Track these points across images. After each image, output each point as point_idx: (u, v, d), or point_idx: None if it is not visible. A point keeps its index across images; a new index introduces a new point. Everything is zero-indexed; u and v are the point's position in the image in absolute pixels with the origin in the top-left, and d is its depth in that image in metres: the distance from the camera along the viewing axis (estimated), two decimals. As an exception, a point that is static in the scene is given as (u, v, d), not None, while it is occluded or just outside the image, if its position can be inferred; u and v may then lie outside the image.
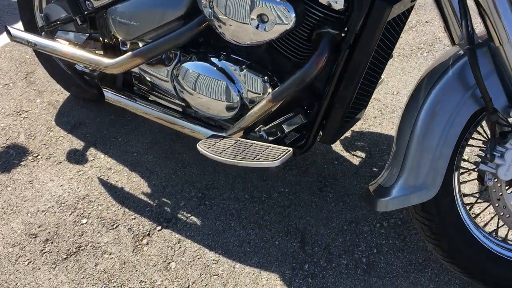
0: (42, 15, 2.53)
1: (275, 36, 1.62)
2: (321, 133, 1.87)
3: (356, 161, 2.31)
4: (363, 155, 2.33)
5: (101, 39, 2.23)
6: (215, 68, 1.90)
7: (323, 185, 2.21)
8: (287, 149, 1.69)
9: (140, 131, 2.65)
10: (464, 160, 1.74)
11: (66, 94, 2.99)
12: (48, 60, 2.81)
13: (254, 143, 1.78)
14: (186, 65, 1.96)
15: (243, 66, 1.85)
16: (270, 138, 1.86)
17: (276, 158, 1.64)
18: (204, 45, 2.00)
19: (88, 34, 2.28)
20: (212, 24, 1.77)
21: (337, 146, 2.40)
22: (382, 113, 2.60)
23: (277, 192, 2.20)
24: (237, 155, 1.70)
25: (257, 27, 1.61)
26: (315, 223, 2.04)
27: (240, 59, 1.91)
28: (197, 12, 1.89)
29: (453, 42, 1.66)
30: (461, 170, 1.69)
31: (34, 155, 2.55)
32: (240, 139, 1.82)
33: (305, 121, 1.82)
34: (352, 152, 2.35)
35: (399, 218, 2.03)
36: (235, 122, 1.99)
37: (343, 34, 1.63)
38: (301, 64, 1.83)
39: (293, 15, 1.56)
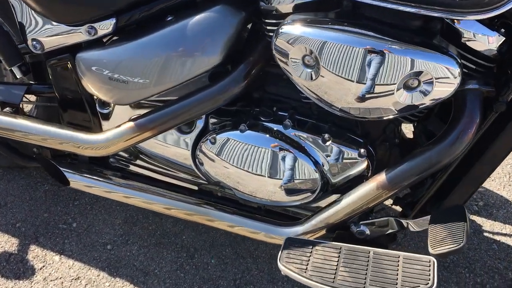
0: None
1: (424, 106, 1.06)
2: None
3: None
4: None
5: (56, 93, 1.39)
6: (279, 139, 1.27)
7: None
8: (429, 260, 1.17)
9: (102, 205, 1.85)
10: None
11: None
12: None
13: (370, 251, 1.22)
14: (228, 135, 1.28)
15: (326, 136, 1.25)
16: (374, 233, 1.31)
17: (429, 283, 1.12)
18: (241, 101, 1.33)
19: (25, 87, 1.42)
20: (301, 87, 1.13)
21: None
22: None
23: (333, 275, 1.67)
24: (365, 283, 1.14)
25: (406, 97, 1.03)
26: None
27: (312, 121, 1.30)
28: (242, 55, 1.23)
29: None
30: None
31: None
32: (342, 245, 1.24)
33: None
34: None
35: None
36: (303, 207, 1.40)
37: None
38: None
39: (458, 70, 1.01)
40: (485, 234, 1.78)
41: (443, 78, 1.01)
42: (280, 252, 1.25)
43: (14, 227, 1.77)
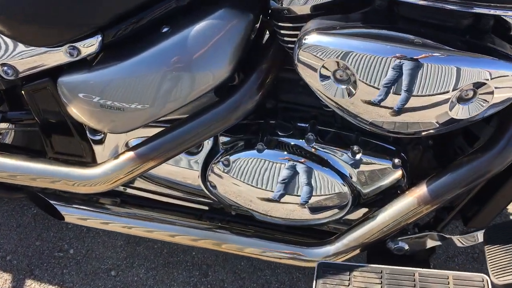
0: None
1: (478, 118, 0.92)
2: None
3: None
4: None
5: (37, 120, 1.20)
6: (302, 156, 1.12)
7: None
8: (481, 278, 1.06)
9: (99, 226, 1.69)
10: None
11: None
12: None
13: (415, 272, 1.10)
14: (243, 155, 1.13)
15: (355, 148, 1.10)
16: (413, 247, 1.19)
17: (489, 306, 1.01)
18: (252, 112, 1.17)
19: (0, 114, 1.22)
20: (327, 102, 0.97)
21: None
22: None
23: None
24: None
25: (460, 111, 0.88)
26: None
27: (336, 131, 1.15)
28: (251, 62, 1.07)
29: None
30: None
31: None
32: (382, 267, 1.12)
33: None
34: None
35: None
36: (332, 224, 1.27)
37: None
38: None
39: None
40: None
41: (502, 84, 0.86)
42: (314, 282, 1.12)
43: (5, 260, 1.60)
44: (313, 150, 1.12)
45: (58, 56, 1.04)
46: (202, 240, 1.28)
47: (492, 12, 0.83)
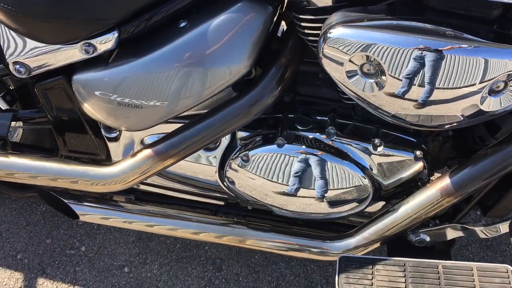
0: None
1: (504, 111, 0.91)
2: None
3: None
4: None
5: (50, 118, 1.17)
6: (323, 150, 1.10)
7: None
8: (506, 269, 1.05)
9: (109, 222, 1.67)
10: None
11: None
12: None
13: (438, 264, 1.09)
14: (263, 151, 1.11)
15: (377, 141, 1.09)
16: (434, 239, 1.19)
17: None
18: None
19: (11, 114, 1.19)
20: (352, 95, 0.95)
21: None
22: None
23: None
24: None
25: (491, 103, 0.87)
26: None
27: (356, 124, 1.13)
28: (270, 56, 1.05)
29: None
30: None
31: None
32: (405, 260, 1.11)
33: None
34: None
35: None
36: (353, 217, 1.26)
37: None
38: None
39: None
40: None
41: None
42: (336, 276, 1.11)
43: (15, 259, 1.58)
44: (333, 143, 1.11)
45: (72, 54, 1.02)
46: (219, 236, 1.26)
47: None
